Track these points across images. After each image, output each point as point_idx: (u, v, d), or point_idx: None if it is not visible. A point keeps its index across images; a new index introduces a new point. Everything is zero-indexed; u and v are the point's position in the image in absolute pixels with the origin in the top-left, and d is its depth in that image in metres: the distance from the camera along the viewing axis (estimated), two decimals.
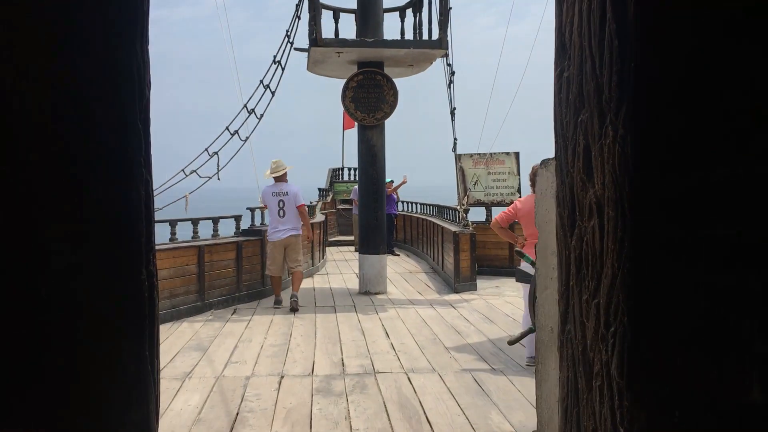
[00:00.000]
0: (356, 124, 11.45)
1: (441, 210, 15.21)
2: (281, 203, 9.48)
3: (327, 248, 16.86)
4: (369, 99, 10.86)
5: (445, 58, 10.85)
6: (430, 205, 16.72)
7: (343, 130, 25.22)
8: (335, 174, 23.89)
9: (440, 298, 10.59)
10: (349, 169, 24.47)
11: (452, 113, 11.09)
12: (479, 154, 13.11)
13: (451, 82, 10.87)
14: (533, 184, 6.46)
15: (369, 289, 10.99)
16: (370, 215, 11.04)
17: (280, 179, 9.65)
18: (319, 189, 22.89)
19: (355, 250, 18.31)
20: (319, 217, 15.06)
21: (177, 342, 7.68)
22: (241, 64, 10.33)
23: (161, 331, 8.51)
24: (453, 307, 9.81)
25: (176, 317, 8.90)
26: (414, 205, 18.74)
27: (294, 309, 9.41)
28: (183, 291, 9.10)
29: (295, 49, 11.48)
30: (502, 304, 9.95)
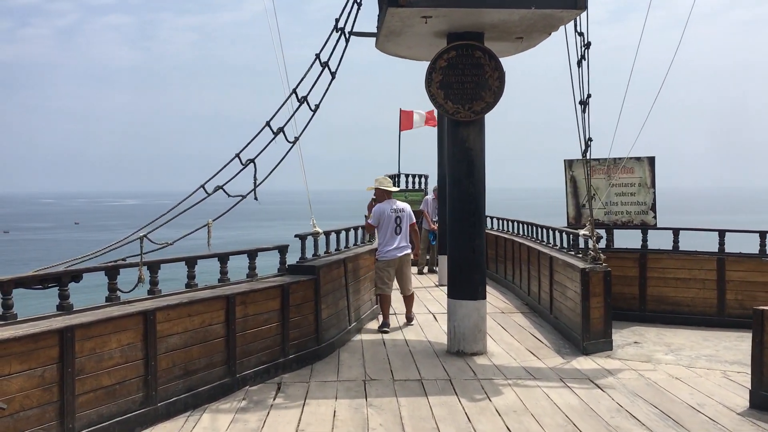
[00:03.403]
0: (433, 119, 8.45)
1: (533, 228, 12.00)
2: (398, 220, 9.32)
3: None
4: (464, 84, 7.78)
5: (575, 25, 7.71)
6: (515, 221, 13.52)
7: (400, 131, 22.25)
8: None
9: (568, 366, 7.45)
10: (407, 175, 21.45)
11: (584, 103, 7.87)
12: (598, 159, 9.95)
13: (582, 58, 7.70)
14: None
15: (463, 348, 7.91)
16: (464, 245, 7.95)
17: (389, 196, 9.50)
18: (373, 199, 19.97)
19: (419, 272, 15.36)
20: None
21: None
22: (280, 71, 7.40)
23: None
24: (596, 385, 6.66)
25: (194, 405, 5.96)
26: (490, 219, 15.56)
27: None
28: (204, 364, 6.15)
29: (353, 33, 8.49)
30: (668, 382, 6.75)
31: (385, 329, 9.16)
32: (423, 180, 21.52)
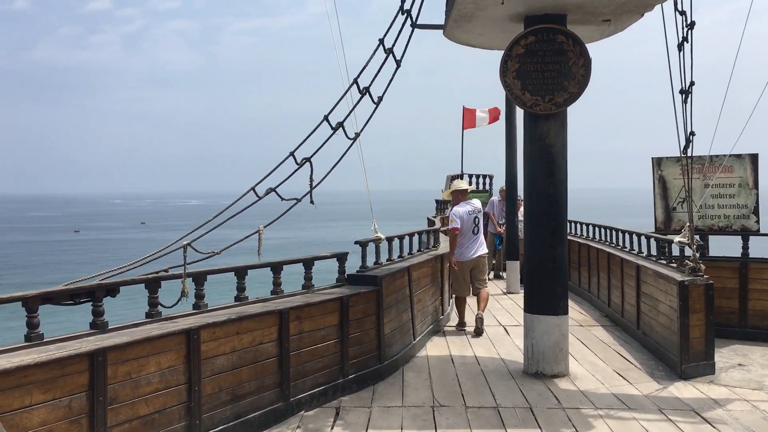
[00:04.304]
0: (497, 116, 7.58)
1: (610, 232, 11.02)
2: (476, 220, 9.31)
3: None
4: (544, 73, 6.93)
5: (674, 3, 6.74)
6: (591, 224, 12.52)
7: (463, 129, 21.41)
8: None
9: (665, 393, 6.49)
10: (470, 175, 20.61)
11: (686, 93, 6.89)
12: (692, 157, 8.88)
13: (684, 40, 6.73)
14: None
15: (542, 369, 7.05)
16: (544, 253, 7.09)
17: (464, 197, 9.42)
18: (436, 201, 19.17)
19: None
20: (443, 243, 11.03)
21: None
22: (338, 70, 6.60)
23: None
24: (703, 419, 5.71)
25: None
26: None
27: (479, 332, 9.06)
28: (254, 388, 5.50)
29: (418, 26, 7.68)
30: None
31: (463, 328, 9.40)
32: (488, 180, 20.64)
